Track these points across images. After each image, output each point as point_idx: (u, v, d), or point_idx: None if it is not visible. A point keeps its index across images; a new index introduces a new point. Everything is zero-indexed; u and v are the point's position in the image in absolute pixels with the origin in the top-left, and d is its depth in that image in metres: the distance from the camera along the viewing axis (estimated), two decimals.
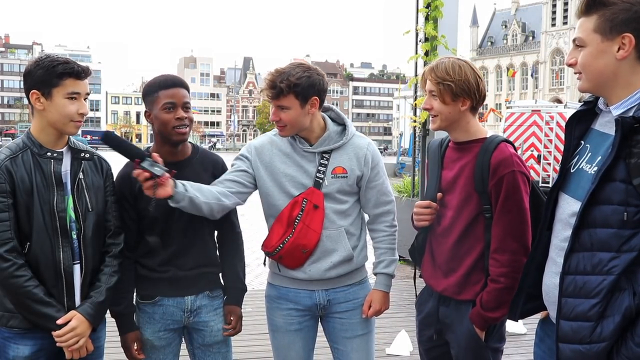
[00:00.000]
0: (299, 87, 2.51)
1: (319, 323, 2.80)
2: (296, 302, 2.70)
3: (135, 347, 2.61)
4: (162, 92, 2.57)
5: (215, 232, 2.79)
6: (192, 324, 2.69)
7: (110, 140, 2.37)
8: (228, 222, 2.76)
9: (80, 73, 2.33)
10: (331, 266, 2.64)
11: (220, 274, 2.78)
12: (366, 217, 2.80)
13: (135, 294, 2.69)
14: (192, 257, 2.64)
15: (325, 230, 2.62)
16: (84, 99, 2.38)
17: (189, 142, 2.72)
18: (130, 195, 2.58)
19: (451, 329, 2.49)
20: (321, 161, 2.64)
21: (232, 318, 2.73)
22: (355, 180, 2.67)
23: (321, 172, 2.62)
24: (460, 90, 2.39)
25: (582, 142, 1.97)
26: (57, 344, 2.33)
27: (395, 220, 2.81)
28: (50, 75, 2.29)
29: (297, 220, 2.59)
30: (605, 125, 1.90)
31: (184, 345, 2.79)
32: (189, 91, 2.65)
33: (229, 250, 2.78)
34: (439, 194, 2.51)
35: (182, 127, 2.56)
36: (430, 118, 2.51)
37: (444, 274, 2.49)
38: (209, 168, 2.71)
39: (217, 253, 2.78)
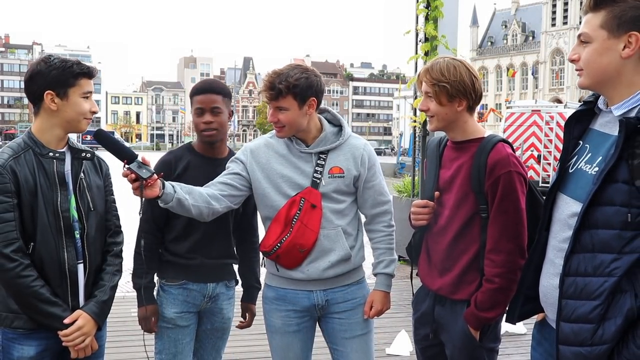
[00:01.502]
0: (298, 88, 2.54)
1: (317, 324, 2.81)
2: (294, 303, 2.70)
3: (153, 320, 2.80)
4: (195, 97, 2.84)
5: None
6: (208, 308, 2.90)
7: (102, 138, 2.40)
8: (250, 226, 3.02)
9: (92, 73, 2.41)
10: (329, 265, 2.65)
11: (237, 271, 3.05)
12: (363, 218, 2.82)
13: (159, 277, 2.88)
14: (216, 247, 2.85)
15: (323, 230, 2.63)
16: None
17: (228, 146, 2.99)
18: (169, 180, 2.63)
19: (446, 329, 2.50)
20: (318, 161, 2.65)
21: (247, 314, 3.07)
22: (352, 180, 2.69)
23: (318, 172, 2.64)
24: (456, 91, 2.39)
25: (581, 142, 1.96)
26: (64, 344, 2.35)
27: (392, 220, 2.82)
28: (66, 75, 2.33)
29: (294, 220, 2.60)
30: (605, 126, 1.89)
31: None
32: (225, 95, 2.84)
33: (248, 249, 3.05)
34: (436, 193, 2.52)
35: (208, 130, 2.79)
36: (428, 119, 2.51)
37: (440, 273, 2.50)
38: None
39: (235, 249, 3.01)
